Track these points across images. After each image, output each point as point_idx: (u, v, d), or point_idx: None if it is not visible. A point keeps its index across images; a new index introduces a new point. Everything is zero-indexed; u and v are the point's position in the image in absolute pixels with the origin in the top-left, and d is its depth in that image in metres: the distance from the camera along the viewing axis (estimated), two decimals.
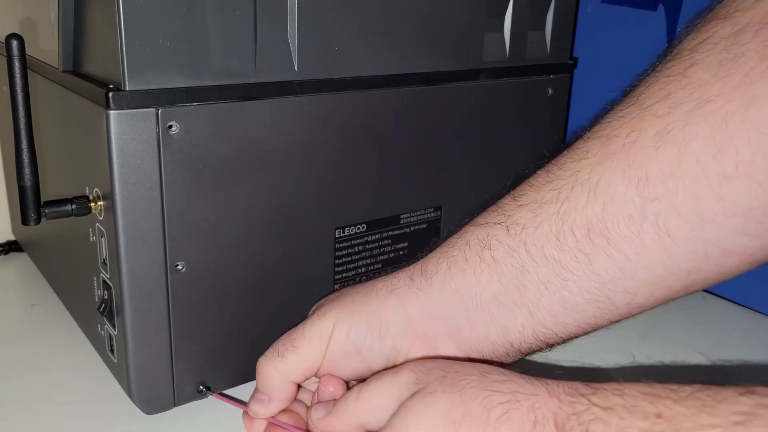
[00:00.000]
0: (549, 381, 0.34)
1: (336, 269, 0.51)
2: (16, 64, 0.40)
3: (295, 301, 0.50)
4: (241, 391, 0.49)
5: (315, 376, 0.42)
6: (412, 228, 0.55)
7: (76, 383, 0.50)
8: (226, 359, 0.48)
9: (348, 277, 0.52)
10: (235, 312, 0.47)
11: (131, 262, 0.42)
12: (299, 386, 0.43)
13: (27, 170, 0.41)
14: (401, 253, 0.55)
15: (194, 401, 0.48)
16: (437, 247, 0.42)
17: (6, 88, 0.41)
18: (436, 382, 0.35)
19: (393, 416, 0.35)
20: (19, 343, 0.55)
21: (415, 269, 0.42)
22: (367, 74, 0.49)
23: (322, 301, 0.44)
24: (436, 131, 0.54)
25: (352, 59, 0.48)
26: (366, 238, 0.52)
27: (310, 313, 0.44)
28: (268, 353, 0.42)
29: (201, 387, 0.47)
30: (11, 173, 0.66)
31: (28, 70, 0.41)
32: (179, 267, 0.43)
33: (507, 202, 0.40)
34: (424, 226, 0.56)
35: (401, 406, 0.34)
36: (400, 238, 0.54)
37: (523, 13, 0.56)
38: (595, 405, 0.32)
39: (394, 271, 0.43)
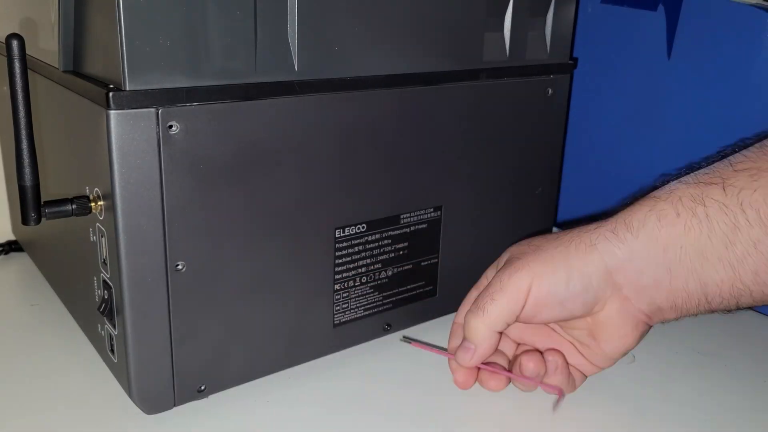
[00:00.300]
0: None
1: (336, 269, 0.51)
2: (17, 64, 0.40)
3: (295, 301, 0.50)
4: (241, 391, 0.49)
5: (518, 321, 0.46)
6: (412, 228, 0.55)
7: (76, 383, 0.50)
8: (226, 359, 0.48)
9: (348, 276, 0.52)
10: (235, 312, 0.47)
11: (131, 262, 0.42)
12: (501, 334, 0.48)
13: (27, 170, 0.41)
14: (401, 253, 0.55)
15: (194, 401, 0.48)
16: (635, 203, 0.45)
17: (6, 88, 0.41)
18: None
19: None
20: (19, 343, 0.55)
21: (618, 223, 0.45)
22: (367, 74, 0.49)
23: (513, 249, 0.49)
24: (436, 131, 0.54)
25: (352, 59, 0.48)
26: (366, 238, 0.52)
27: (501, 258, 0.49)
28: (473, 308, 0.47)
29: (201, 387, 0.47)
30: (11, 173, 0.66)
31: (29, 70, 0.41)
32: (179, 267, 0.43)
33: (721, 167, 0.42)
34: (424, 226, 0.56)
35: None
36: (400, 238, 0.54)
37: (523, 13, 0.56)
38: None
39: (589, 226, 0.46)
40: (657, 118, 0.67)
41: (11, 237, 0.72)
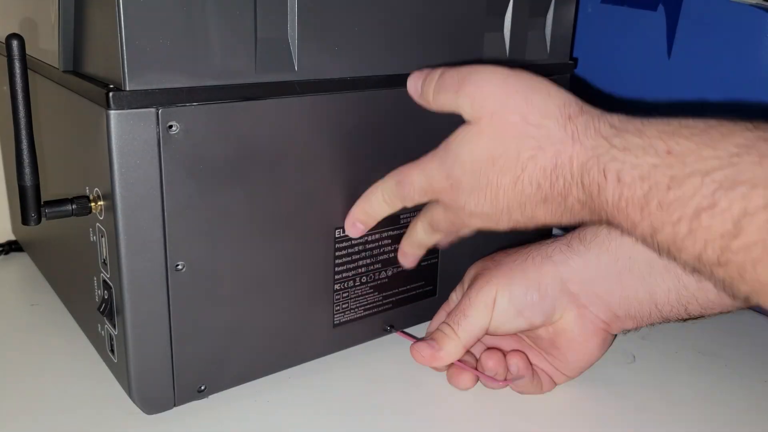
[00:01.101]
0: (579, 127, 0.39)
1: (336, 269, 0.51)
2: (17, 64, 0.40)
3: (295, 302, 0.50)
4: (241, 391, 0.49)
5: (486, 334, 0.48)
6: None
7: (76, 383, 0.50)
8: (226, 359, 0.48)
9: (348, 276, 0.52)
10: (235, 312, 0.47)
11: (131, 262, 0.42)
12: None
13: (27, 170, 0.41)
14: None
15: (194, 401, 0.48)
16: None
17: (6, 88, 0.41)
18: (487, 118, 0.41)
19: (447, 140, 0.44)
20: (19, 343, 0.55)
21: (573, 237, 0.48)
22: (367, 74, 0.49)
23: (477, 266, 0.51)
24: (434, 130, 0.53)
25: (352, 59, 0.48)
26: (366, 238, 0.52)
27: (465, 279, 0.52)
28: (443, 326, 0.49)
29: (201, 387, 0.47)
30: (11, 173, 0.66)
31: (29, 70, 0.41)
32: (179, 267, 0.43)
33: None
34: None
35: (455, 133, 0.43)
36: (400, 238, 0.54)
37: (523, 13, 0.56)
38: (614, 147, 0.37)
39: (547, 240, 0.49)
40: (656, 118, 0.67)
41: (11, 237, 0.72)
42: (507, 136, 0.41)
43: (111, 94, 0.39)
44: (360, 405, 0.49)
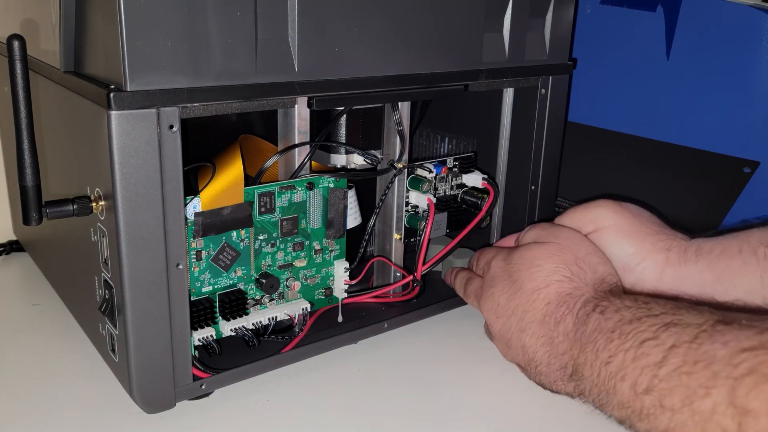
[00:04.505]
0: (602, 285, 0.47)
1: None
2: (18, 65, 0.40)
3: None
4: (241, 391, 0.49)
5: None
6: None
7: (77, 383, 0.50)
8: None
9: None
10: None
11: (132, 262, 0.42)
12: None
13: (28, 170, 0.42)
14: None
15: (194, 401, 0.48)
16: (725, 232, 0.50)
17: (7, 89, 0.41)
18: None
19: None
20: (20, 342, 0.55)
21: (692, 245, 0.50)
22: (367, 75, 0.49)
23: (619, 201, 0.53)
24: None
25: (352, 60, 0.48)
26: None
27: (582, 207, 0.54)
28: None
29: (201, 386, 0.47)
30: (13, 173, 0.66)
31: (30, 71, 0.41)
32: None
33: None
34: None
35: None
36: None
37: (523, 15, 0.56)
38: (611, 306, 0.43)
39: (679, 233, 0.51)
40: (656, 118, 0.67)
41: (12, 237, 0.72)
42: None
43: (112, 94, 0.39)
44: (360, 404, 0.49)
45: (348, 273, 0.55)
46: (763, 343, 0.34)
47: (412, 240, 0.59)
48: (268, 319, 0.51)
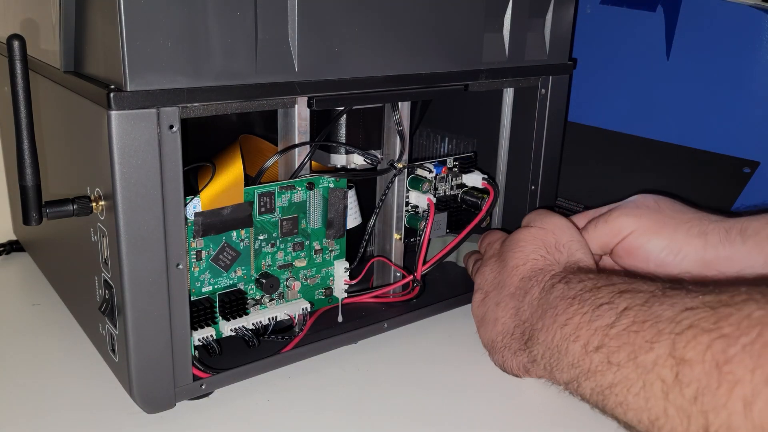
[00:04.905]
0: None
1: None
2: (18, 65, 0.40)
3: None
4: (241, 391, 0.49)
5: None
6: None
7: (77, 383, 0.50)
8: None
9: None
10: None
11: (132, 262, 0.42)
12: None
13: (28, 170, 0.42)
14: None
15: (194, 401, 0.48)
16: (763, 212, 0.49)
17: (7, 89, 0.41)
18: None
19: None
20: (20, 342, 0.55)
21: (734, 226, 0.49)
22: (367, 75, 0.49)
23: (638, 199, 0.54)
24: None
25: (352, 60, 0.48)
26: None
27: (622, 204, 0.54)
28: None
29: (201, 386, 0.47)
30: (13, 173, 0.66)
31: (30, 71, 0.41)
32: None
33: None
34: None
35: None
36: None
37: (523, 15, 0.56)
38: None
39: (711, 215, 0.51)
40: (656, 118, 0.67)
41: (12, 237, 0.72)
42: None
43: (112, 94, 0.39)
44: (360, 405, 0.49)
45: (348, 273, 0.55)
46: (704, 302, 0.36)
47: (412, 240, 0.59)
48: (268, 319, 0.51)
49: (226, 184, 0.47)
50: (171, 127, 0.41)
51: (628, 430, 0.40)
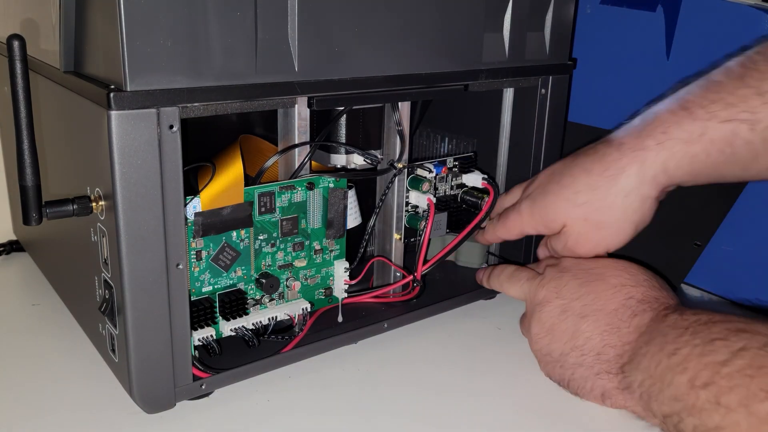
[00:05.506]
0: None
1: None
2: (18, 65, 0.40)
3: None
4: (241, 391, 0.49)
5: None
6: None
7: (77, 383, 0.50)
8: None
9: None
10: None
11: (132, 262, 0.42)
12: None
13: (28, 170, 0.42)
14: None
15: (194, 401, 0.48)
16: (670, 136, 0.49)
17: (7, 89, 0.41)
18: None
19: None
20: (20, 342, 0.55)
21: (657, 171, 0.50)
22: (367, 75, 0.49)
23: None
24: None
25: (352, 60, 0.48)
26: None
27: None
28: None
29: (201, 386, 0.47)
30: (13, 173, 0.66)
31: (30, 71, 0.41)
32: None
33: (750, 98, 0.46)
34: None
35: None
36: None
37: (522, 14, 0.56)
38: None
39: (620, 168, 0.51)
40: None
41: (12, 237, 0.72)
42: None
43: (112, 94, 0.39)
44: (360, 405, 0.49)
45: (348, 273, 0.55)
46: None
47: (412, 240, 0.59)
48: (268, 319, 0.51)
49: (226, 184, 0.47)
50: (171, 127, 0.41)
51: None
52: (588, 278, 0.50)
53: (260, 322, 0.51)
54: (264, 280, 0.50)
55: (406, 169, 0.56)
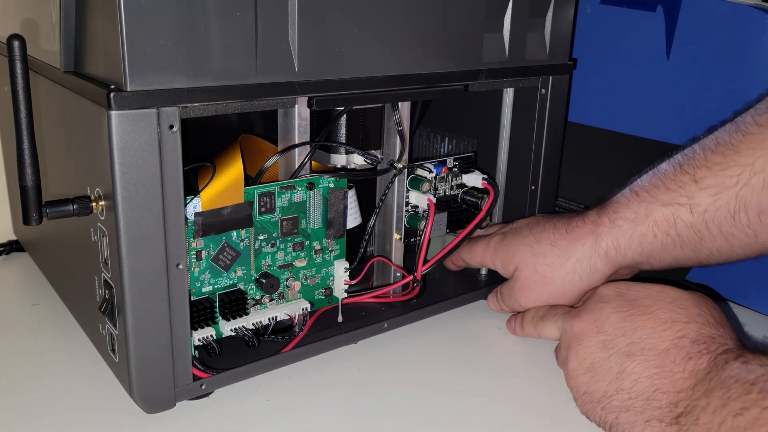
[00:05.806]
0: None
1: None
2: (18, 65, 0.40)
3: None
4: (241, 391, 0.49)
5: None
6: None
7: (77, 383, 0.50)
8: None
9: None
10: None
11: (132, 262, 0.42)
12: None
13: (29, 170, 0.42)
14: None
15: (194, 401, 0.48)
16: (620, 215, 0.53)
17: (8, 89, 0.41)
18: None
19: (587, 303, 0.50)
20: (19, 342, 0.55)
21: (609, 247, 0.54)
22: (367, 75, 0.49)
23: (520, 226, 0.59)
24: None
25: (352, 60, 0.48)
26: None
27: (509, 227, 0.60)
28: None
29: (201, 386, 0.47)
30: (13, 173, 0.66)
31: (30, 71, 0.41)
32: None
33: (688, 184, 0.50)
34: None
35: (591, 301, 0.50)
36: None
37: (523, 15, 0.56)
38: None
39: (579, 235, 0.55)
40: (656, 118, 0.67)
41: (12, 237, 0.72)
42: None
43: (112, 94, 0.39)
44: (360, 405, 0.49)
45: (348, 273, 0.55)
46: None
47: (412, 240, 0.59)
48: (268, 319, 0.51)
49: (226, 184, 0.47)
50: (171, 127, 0.41)
51: None
52: (633, 311, 0.47)
53: (260, 322, 0.51)
54: (264, 280, 0.50)
55: (406, 169, 0.57)
